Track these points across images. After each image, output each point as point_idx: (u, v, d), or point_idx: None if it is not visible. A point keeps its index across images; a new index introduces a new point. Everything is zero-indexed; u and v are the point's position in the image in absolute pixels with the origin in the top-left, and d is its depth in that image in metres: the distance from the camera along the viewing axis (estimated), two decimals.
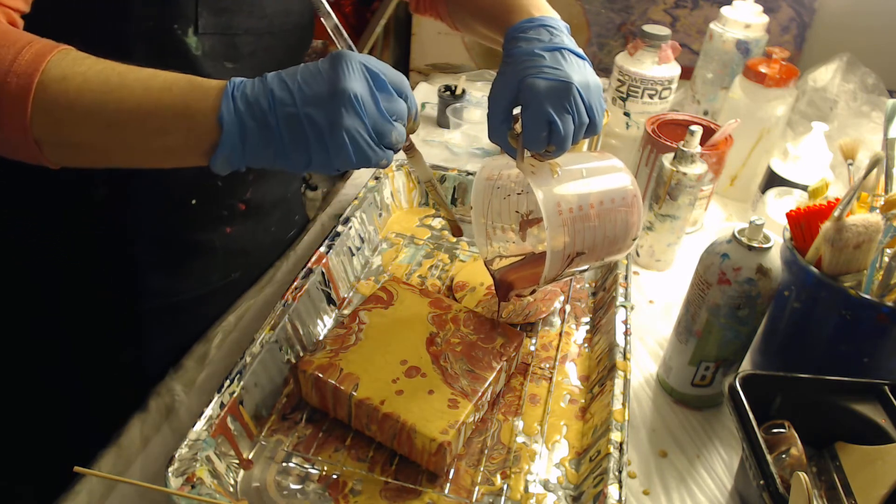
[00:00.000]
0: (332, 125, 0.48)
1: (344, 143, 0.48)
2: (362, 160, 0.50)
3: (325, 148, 0.49)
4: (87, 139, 0.51)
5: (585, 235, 0.60)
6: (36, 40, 0.49)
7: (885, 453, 0.58)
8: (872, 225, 0.62)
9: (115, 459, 0.62)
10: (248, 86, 0.49)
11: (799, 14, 1.31)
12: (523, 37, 0.60)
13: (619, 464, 0.58)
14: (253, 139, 0.49)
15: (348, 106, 0.48)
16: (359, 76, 0.49)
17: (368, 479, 0.61)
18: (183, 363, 0.72)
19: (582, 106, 0.58)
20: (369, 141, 0.49)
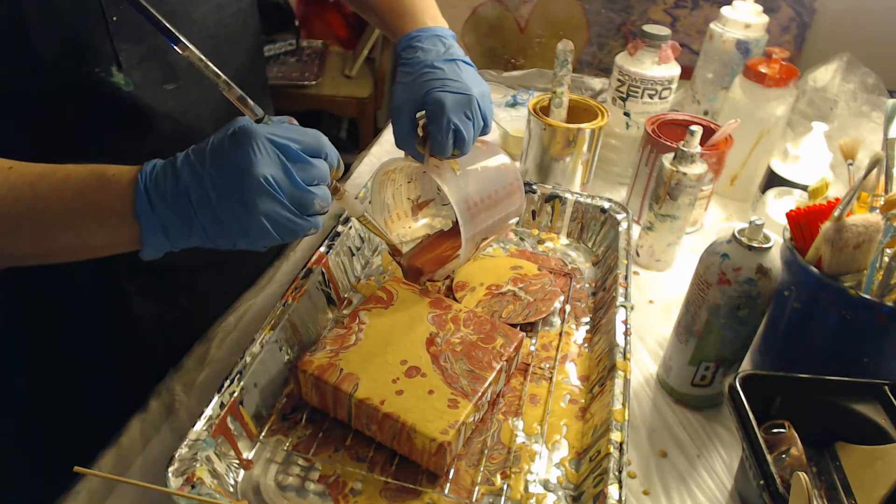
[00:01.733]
0: (249, 212, 0.47)
1: (264, 227, 0.48)
2: (287, 235, 0.50)
3: (245, 233, 0.48)
4: (19, 254, 0.51)
5: (488, 221, 0.70)
6: None
7: (885, 453, 0.58)
8: (872, 225, 0.62)
9: (115, 459, 0.62)
10: (160, 176, 0.48)
11: (799, 14, 1.31)
12: (420, 46, 0.66)
13: (619, 464, 0.58)
14: (175, 231, 0.49)
15: (261, 192, 0.47)
16: (267, 155, 0.48)
17: (368, 479, 0.61)
18: (183, 363, 0.72)
19: (479, 113, 0.63)
20: (291, 217, 0.49)
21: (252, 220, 0.48)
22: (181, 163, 0.49)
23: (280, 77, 2.15)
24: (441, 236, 0.81)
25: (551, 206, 0.93)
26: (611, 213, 0.90)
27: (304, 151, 0.50)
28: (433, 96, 0.62)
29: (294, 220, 0.49)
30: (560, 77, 0.98)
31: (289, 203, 0.49)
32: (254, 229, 0.48)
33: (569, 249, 0.92)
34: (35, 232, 0.49)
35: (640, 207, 1.00)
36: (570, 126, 0.96)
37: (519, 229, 0.94)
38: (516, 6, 1.44)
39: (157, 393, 0.68)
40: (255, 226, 0.48)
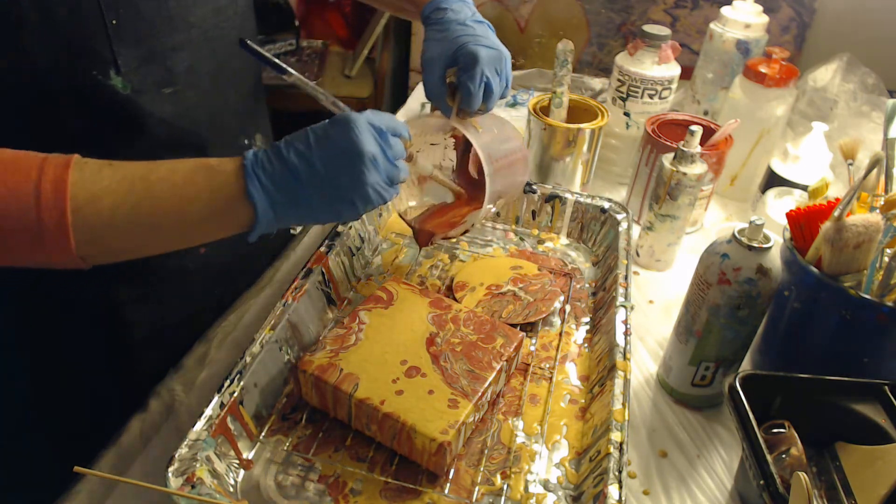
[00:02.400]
0: (358, 185, 0.54)
1: (368, 197, 0.55)
2: (379, 202, 0.57)
3: (353, 205, 0.55)
4: (131, 246, 0.53)
5: (505, 180, 0.74)
6: (43, 162, 0.48)
7: (885, 453, 0.58)
8: (872, 225, 0.62)
9: (115, 459, 0.62)
10: (266, 162, 0.53)
11: (799, 14, 1.31)
12: (448, 7, 0.68)
13: (619, 464, 0.58)
14: (284, 210, 0.53)
15: (368, 167, 0.54)
16: (369, 136, 0.54)
17: (368, 479, 0.61)
18: (183, 363, 0.72)
19: (505, 71, 0.67)
20: (386, 188, 0.56)
21: (362, 192, 0.54)
22: (284, 148, 0.53)
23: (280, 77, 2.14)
24: (445, 206, 0.83)
25: (551, 206, 0.93)
26: (611, 213, 0.90)
27: (391, 133, 0.57)
28: (468, 49, 0.65)
29: (388, 189, 0.56)
30: (560, 77, 0.98)
31: (384, 175, 0.56)
32: (361, 200, 0.55)
33: (569, 249, 0.92)
34: (150, 220, 0.51)
35: (640, 207, 1.00)
36: (570, 126, 0.96)
37: (519, 229, 0.94)
38: (516, 6, 1.44)
39: (157, 393, 0.68)
40: (363, 196, 0.55)
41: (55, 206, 0.47)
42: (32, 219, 0.47)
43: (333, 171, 0.53)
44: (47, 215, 0.47)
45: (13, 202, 0.47)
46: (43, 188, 0.47)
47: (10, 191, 0.47)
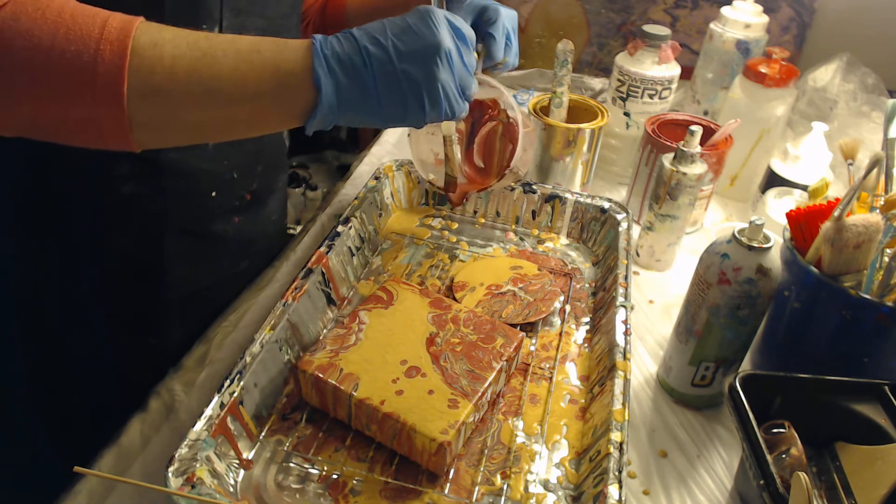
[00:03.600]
0: (429, 79, 0.51)
1: (439, 96, 0.52)
2: (451, 111, 0.54)
3: (420, 102, 0.51)
4: (183, 107, 0.49)
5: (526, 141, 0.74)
6: (114, 13, 0.47)
7: (885, 453, 0.58)
8: (872, 225, 0.62)
9: (115, 459, 0.62)
10: (337, 43, 0.50)
11: (799, 14, 1.31)
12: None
13: (619, 464, 0.58)
14: (348, 96, 0.50)
15: (443, 60, 0.51)
16: (447, 32, 0.52)
17: (368, 479, 0.61)
18: (183, 363, 0.72)
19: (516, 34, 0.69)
20: (457, 94, 0.53)
21: (431, 87, 0.51)
22: (359, 34, 0.51)
23: None
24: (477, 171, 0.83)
25: (551, 206, 0.93)
26: (611, 213, 0.90)
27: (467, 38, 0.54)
28: (493, 5, 0.66)
29: (458, 97, 0.53)
30: (560, 77, 0.98)
31: (457, 79, 0.53)
32: (431, 97, 0.51)
33: (569, 249, 0.92)
34: (209, 82, 0.49)
35: (640, 207, 1.00)
36: (570, 126, 0.95)
37: (519, 229, 0.94)
38: (516, 6, 1.44)
39: (157, 393, 0.68)
40: (433, 94, 0.51)
41: (117, 38, 0.46)
42: (91, 51, 0.45)
43: (406, 57, 0.50)
44: (107, 47, 0.45)
45: (76, 30, 0.45)
46: (109, 25, 0.46)
47: (77, 23, 0.46)
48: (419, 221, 0.94)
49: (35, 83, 0.46)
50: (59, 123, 0.49)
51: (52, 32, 0.45)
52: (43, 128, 0.49)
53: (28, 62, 0.45)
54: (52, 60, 0.45)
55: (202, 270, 0.78)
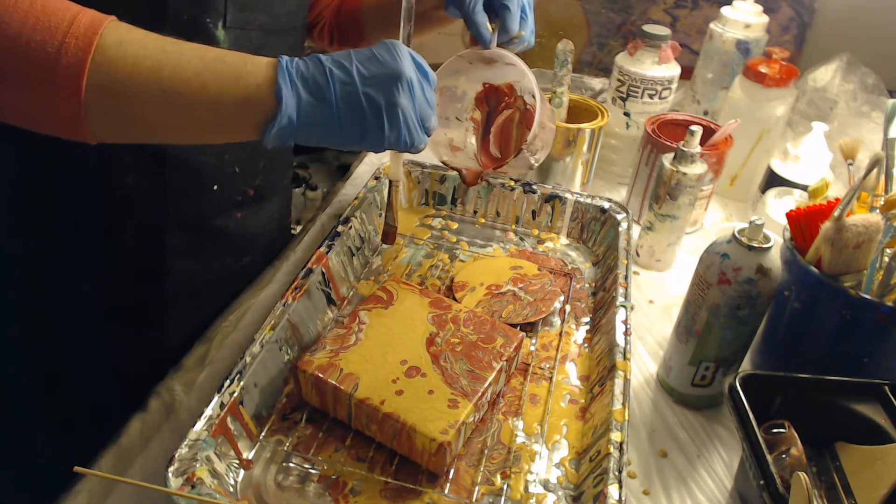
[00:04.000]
0: (389, 104, 0.53)
1: (398, 119, 0.53)
2: (410, 139, 0.55)
3: (381, 124, 0.53)
4: (141, 107, 0.50)
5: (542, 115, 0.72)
6: (87, 9, 0.49)
7: (885, 453, 0.58)
8: (872, 225, 0.62)
9: (115, 459, 0.62)
10: (302, 64, 0.52)
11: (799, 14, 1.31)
12: None
13: (619, 464, 0.58)
14: (308, 113, 0.52)
15: (404, 87, 0.53)
16: (410, 63, 0.54)
17: (368, 479, 0.61)
18: (183, 363, 0.72)
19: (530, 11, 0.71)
20: (417, 122, 0.55)
21: (391, 110, 0.53)
22: (325, 58, 0.53)
23: None
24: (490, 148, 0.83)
25: (551, 206, 0.93)
26: (611, 213, 0.90)
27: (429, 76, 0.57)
28: None
29: (417, 126, 0.55)
30: (560, 77, 0.98)
31: (417, 108, 0.54)
32: (391, 120, 0.53)
33: (569, 249, 0.92)
34: (171, 83, 0.50)
35: (640, 207, 1.00)
36: (570, 126, 0.95)
37: (519, 229, 0.94)
38: None
39: (157, 393, 0.68)
40: (392, 115, 0.53)
41: (83, 34, 0.47)
42: (56, 43, 0.47)
43: (369, 81, 0.52)
44: (73, 41, 0.47)
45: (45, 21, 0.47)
46: (78, 20, 0.48)
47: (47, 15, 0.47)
48: (419, 221, 0.94)
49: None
50: (18, 108, 0.50)
51: (21, 21, 0.46)
52: (7, 112, 0.50)
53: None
54: (18, 47, 0.46)
55: (203, 265, 0.78)
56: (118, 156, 0.66)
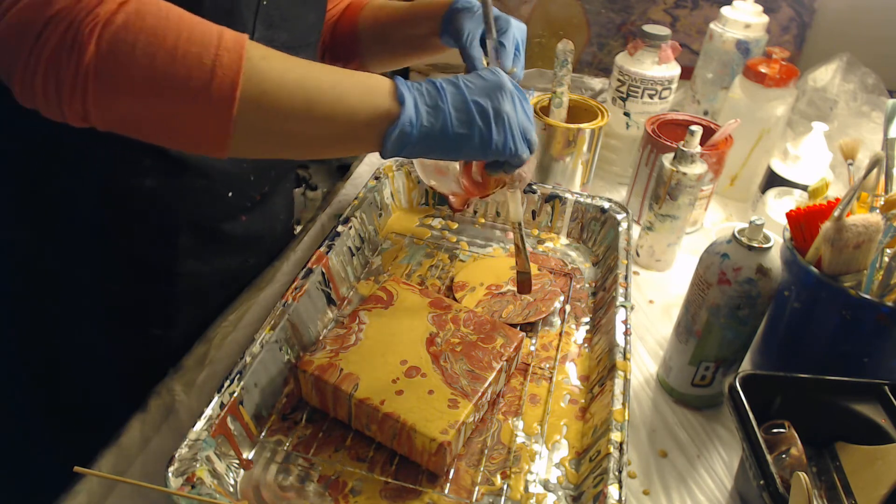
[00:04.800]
0: (496, 109, 0.57)
1: (504, 125, 0.58)
2: (513, 146, 0.59)
3: (489, 128, 0.57)
4: (285, 119, 0.53)
5: None
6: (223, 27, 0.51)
7: (885, 453, 0.58)
8: (872, 225, 0.62)
9: (115, 459, 0.62)
10: (416, 84, 0.57)
11: (799, 14, 1.31)
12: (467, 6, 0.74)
13: (619, 464, 0.58)
14: (426, 118, 0.56)
15: (507, 96, 0.58)
16: (509, 81, 0.59)
17: (368, 479, 0.61)
18: (183, 363, 0.72)
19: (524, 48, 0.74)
20: (520, 132, 0.59)
21: (498, 117, 0.57)
22: (433, 79, 0.58)
23: None
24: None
25: (551, 206, 0.93)
26: (611, 213, 0.90)
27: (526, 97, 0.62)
28: (503, 16, 0.72)
29: (521, 136, 0.59)
30: (560, 77, 0.98)
31: (519, 120, 0.59)
32: (498, 124, 0.57)
33: (569, 249, 0.92)
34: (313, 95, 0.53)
35: (640, 207, 1.00)
36: (570, 126, 0.96)
37: None
38: (516, 6, 1.44)
39: (157, 393, 0.68)
40: (499, 122, 0.57)
41: (233, 48, 0.49)
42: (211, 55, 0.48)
43: (475, 91, 0.57)
44: (225, 54, 0.49)
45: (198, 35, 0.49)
46: (225, 33, 0.50)
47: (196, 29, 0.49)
48: (419, 221, 0.94)
49: (154, 79, 0.48)
50: (164, 121, 0.51)
51: (175, 33, 0.48)
52: (146, 124, 0.51)
53: (150, 58, 0.47)
54: (175, 59, 0.48)
55: (212, 266, 0.79)
56: (139, 158, 0.66)
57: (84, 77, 0.47)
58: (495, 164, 0.62)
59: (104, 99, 0.48)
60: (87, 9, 0.47)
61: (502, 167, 0.62)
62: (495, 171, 0.63)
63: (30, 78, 0.47)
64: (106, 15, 0.47)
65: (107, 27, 0.47)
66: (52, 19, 0.46)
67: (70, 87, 0.47)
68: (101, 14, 0.47)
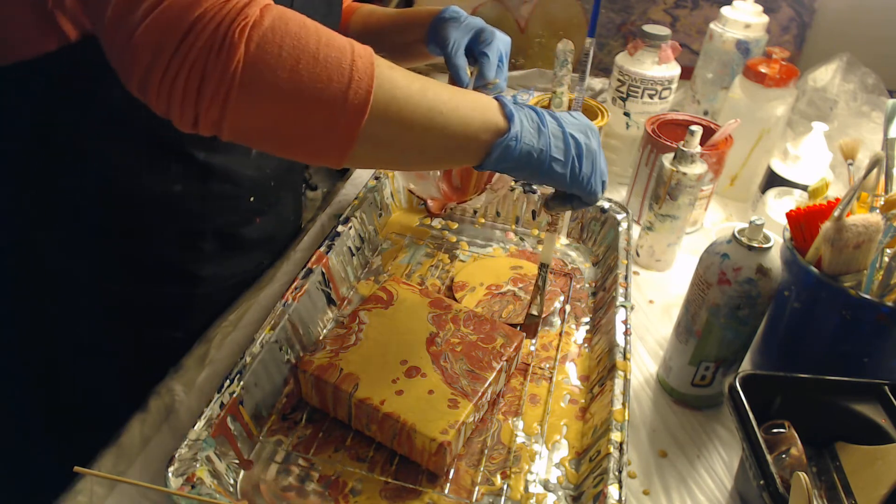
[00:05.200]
0: (588, 146, 0.60)
1: (592, 162, 0.61)
2: (594, 183, 0.62)
3: (580, 161, 0.60)
4: (407, 128, 0.53)
5: None
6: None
7: (885, 453, 0.58)
8: (872, 225, 0.62)
9: (115, 459, 0.62)
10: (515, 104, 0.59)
11: (799, 14, 1.31)
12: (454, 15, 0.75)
13: (619, 464, 0.58)
14: (528, 137, 0.58)
15: (595, 139, 0.62)
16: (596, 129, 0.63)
17: (368, 479, 0.61)
18: (183, 363, 0.72)
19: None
20: (600, 172, 0.62)
21: (588, 152, 0.61)
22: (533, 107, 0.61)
23: None
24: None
25: None
26: (611, 213, 0.90)
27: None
28: (489, 28, 0.74)
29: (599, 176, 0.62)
30: (560, 77, 0.98)
31: (602, 162, 0.63)
32: (586, 158, 0.60)
33: (569, 249, 0.92)
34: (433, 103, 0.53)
35: (640, 207, 1.00)
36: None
37: (519, 229, 0.94)
38: (516, 6, 1.43)
39: (157, 393, 0.68)
40: (588, 155, 0.61)
41: (365, 55, 0.50)
42: (349, 60, 0.49)
43: (570, 125, 0.60)
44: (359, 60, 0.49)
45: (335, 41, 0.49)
46: (353, 41, 0.50)
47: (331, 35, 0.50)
48: (419, 221, 0.94)
49: (297, 82, 0.48)
50: (294, 129, 0.50)
51: (315, 37, 0.48)
52: (274, 133, 0.51)
53: (295, 62, 0.47)
54: (317, 62, 0.48)
55: (230, 269, 0.80)
56: (167, 163, 0.67)
57: (230, 79, 0.46)
58: (566, 197, 0.64)
59: (244, 103, 0.47)
60: (237, 10, 0.46)
61: (571, 202, 0.64)
62: (562, 205, 0.65)
63: (170, 81, 0.46)
64: (254, 17, 0.46)
65: (255, 29, 0.46)
66: (198, 20, 0.45)
67: (213, 90, 0.46)
68: (249, 15, 0.46)
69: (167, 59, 0.45)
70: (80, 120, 0.62)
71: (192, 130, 0.49)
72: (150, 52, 0.45)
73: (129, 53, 0.46)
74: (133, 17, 0.45)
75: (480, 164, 0.57)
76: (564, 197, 0.64)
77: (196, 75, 0.46)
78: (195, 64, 0.45)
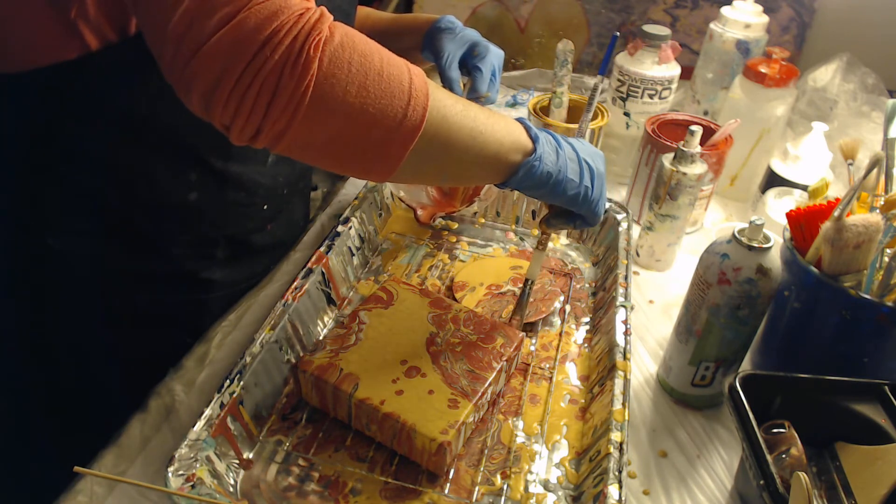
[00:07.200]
0: (598, 170, 0.64)
1: (601, 186, 0.65)
2: (598, 205, 0.65)
3: (591, 184, 0.63)
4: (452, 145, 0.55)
5: None
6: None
7: (885, 453, 0.58)
8: (872, 225, 0.62)
9: (115, 459, 0.62)
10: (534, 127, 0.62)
11: (799, 14, 1.31)
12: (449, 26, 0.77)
13: (619, 464, 0.58)
14: (548, 158, 0.60)
15: (603, 165, 0.66)
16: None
17: (368, 479, 0.61)
18: (183, 363, 0.72)
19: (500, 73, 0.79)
20: (605, 197, 0.66)
21: (599, 176, 0.64)
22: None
23: None
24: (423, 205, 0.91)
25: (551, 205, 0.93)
26: (611, 213, 0.90)
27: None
28: (483, 42, 0.76)
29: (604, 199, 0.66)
30: (560, 77, 0.98)
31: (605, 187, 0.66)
32: (597, 181, 0.64)
33: (569, 249, 0.92)
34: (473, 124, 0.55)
35: (640, 207, 1.00)
36: (570, 126, 0.95)
37: (519, 229, 0.94)
38: (516, 6, 1.44)
39: (157, 393, 0.68)
40: (599, 180, 0.64)
41: (418, 72, 0.52)
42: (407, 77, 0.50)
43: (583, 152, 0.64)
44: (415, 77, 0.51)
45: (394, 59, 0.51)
46: (412, 67, 0.52)
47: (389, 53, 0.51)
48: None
49: (364, 97, 0.49)
50: (351, 145, 0.51)
51: (378, 54, 0.50)
52: (329, 149, 0.51)
53: (363, 77, 0.48)
54: (382, 78, 0.49)
55: (241, 274, 0.81)
56: (184, 172, 0.67)
57: (302, 95, 0.46)
58: (570, 216, 0.66)
59: (311, 119, 0.47)
60: (310, 24, 0.46)
61: (573, 221, 0.67)
62: (565, 224, 0.67)
63: (240, 94, 0.46)
64: (325, 33, 0.47)
65: (327, 45, 0.47)
66: (274, 34, 0.45)
67: (284, 105, 0.46)
68: (323, 31, 0.47)
69: (239, 72, 0.45)
70: (98, 127, 0.62)
71: (245, 143, 0.49)
72: (221, 64, 0.45)
73: (197, 64, 0.45)
74: (203, 28, 0.45)
75: (505, 182, 0.60)
76: (568, 216, 0.66)
77: (268, 89, 0.46)
78: (268, 78, 0.45)
